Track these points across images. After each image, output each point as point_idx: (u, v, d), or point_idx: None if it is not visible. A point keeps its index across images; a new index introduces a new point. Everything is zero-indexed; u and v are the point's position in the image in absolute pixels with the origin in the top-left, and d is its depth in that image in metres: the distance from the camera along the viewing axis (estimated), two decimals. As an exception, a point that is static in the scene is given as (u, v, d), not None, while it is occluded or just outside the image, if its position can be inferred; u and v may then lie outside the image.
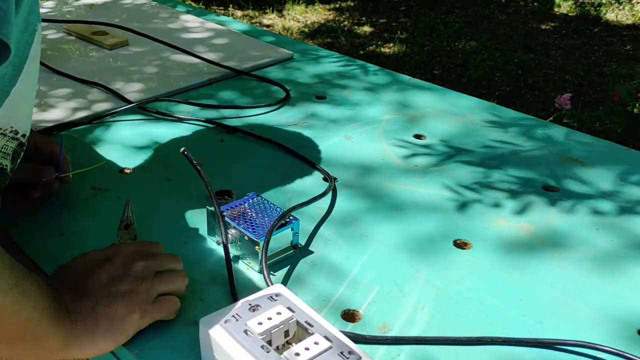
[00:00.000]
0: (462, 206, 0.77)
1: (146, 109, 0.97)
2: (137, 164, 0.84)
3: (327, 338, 0.49)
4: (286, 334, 0.51)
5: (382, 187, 0.81)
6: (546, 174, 0.84)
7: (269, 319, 0.51)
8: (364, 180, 0.82)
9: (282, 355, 0.48)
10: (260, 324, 0.50)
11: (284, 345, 0.51)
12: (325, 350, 0.48)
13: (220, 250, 0.68)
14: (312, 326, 0.51)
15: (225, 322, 0.51)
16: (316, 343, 0.49)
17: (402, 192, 0.80)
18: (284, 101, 1.02)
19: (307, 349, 0.48)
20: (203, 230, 0.71)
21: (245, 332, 0.50)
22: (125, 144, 0.88)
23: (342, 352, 0.48)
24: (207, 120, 0.94)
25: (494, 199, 0.79)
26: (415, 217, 0.75)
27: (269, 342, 0.50)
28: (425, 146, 0.91)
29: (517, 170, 0.85)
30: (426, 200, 0.78)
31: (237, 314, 0.51)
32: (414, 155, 0.88)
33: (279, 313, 0.51)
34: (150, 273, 0.58)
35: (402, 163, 0.86)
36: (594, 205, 0.78)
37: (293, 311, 0.52)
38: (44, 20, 1.30)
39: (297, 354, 0.48)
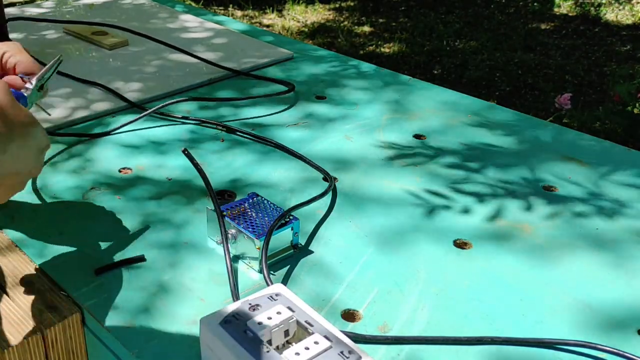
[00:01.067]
0: (462, 206, 0.77)
1: (146, 109, 0.97)
2: (137, 164, 0.84)
3: (327, 338, 0.49)
4: (286, 333, 0.51)
5: (382, 187, 0.81)
6: (546, 174, 0.84)
7: (269, 318, 0.51)
8: (363, 180, 0.82)
9: (282, 355, 0.48)
10: (260, 323, 0.50)
11: (284, 344, 0.51)
12: (325, 350, 0.48)
13: (220, 250, 0.68)
14: (312, 326, 0.51)
15: (225, 322, 0.51)
16: (316, 343, 0.49)
17: (402, 192, 0.80)
18: (289, 92, 1.02)
19: (307, 348, 0.48)
20: (203, 230, 0.71)
21: (245, 332, 0.50)
22: (125, 143, 0.89)
23: (342, 352, 0.48)
24: (207, 120, 0.94)
25: (493, 199, 0.79)
26: (415, 216, 0.75)
27: (269, 342, 0.50)
28: (425, 146, 0.91)
29: (516, 170, 0.85)
30: (426, 200, 0.78)
31: (237, 313, 0.51)
32: (414, 155, 0.88)
33: (279, 313, 0.51)
34: None
35: (402, 163, 0.86)
36: (593, 205, 0.78)
37: (293, 311, 0.52)
38: (43, 20, 1.31)
39: (297, 354, 0.48)
